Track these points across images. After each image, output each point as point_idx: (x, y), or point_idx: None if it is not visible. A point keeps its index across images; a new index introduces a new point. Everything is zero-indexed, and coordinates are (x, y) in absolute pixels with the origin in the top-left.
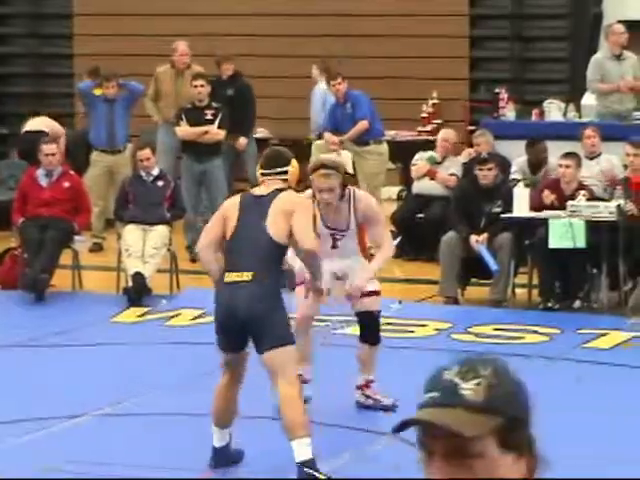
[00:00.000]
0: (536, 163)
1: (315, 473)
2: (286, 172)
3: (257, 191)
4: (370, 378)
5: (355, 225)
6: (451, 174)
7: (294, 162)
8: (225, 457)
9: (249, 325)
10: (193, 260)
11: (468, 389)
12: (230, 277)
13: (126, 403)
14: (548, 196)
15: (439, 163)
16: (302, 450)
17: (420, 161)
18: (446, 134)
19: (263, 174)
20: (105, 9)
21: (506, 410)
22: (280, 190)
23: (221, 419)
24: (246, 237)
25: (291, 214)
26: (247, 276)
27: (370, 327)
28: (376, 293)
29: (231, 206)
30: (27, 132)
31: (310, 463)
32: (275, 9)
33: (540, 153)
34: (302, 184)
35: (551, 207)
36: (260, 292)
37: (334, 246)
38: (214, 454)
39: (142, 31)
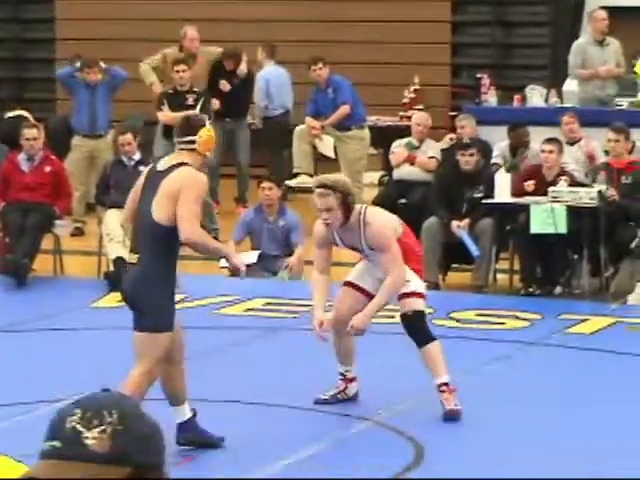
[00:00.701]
0: (518, 148)
1: None
2: (193, 142)
3: (160, 164)
4: (440, 381)
5: (369, 248)
6: (430, 157)
7: (205, 130)
8: (190, 431)
9: (132, 307)
10: None
11: (92, 438)
12: (130, 257)
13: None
14: (530, 185)
15: (417, 148)
16: None
17: (398, 148)
18: (419, 118)
19: (175, 142)
20: None
21: (135, 457)
22: (180, 164)
23: (173, 399)
24: (139, 216)
25: (176, 196)
26: (134, 258)
27: (409, 329)
28: (414, 294)
29: (140, 180)
30: (8, 117)
31: None
32: None
33: (522, 137)
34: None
35: (533, 193)
36: (142, 276)
37: (369, 260)
38: (178, 430)
39: (125, 15)
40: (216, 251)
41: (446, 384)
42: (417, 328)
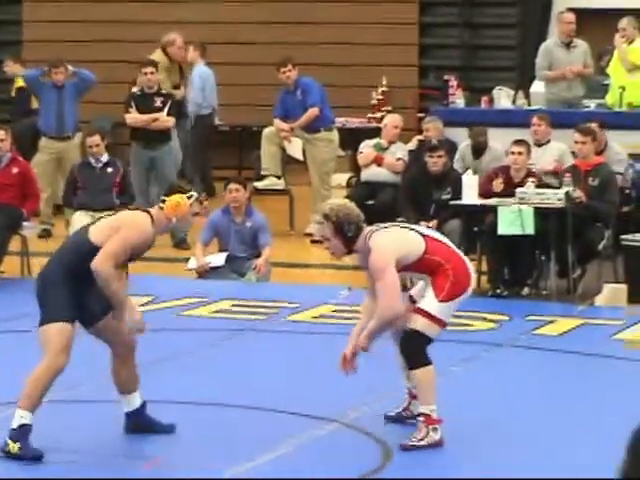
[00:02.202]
0: (478, 148)
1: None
2: (164, 201)
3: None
4: (424, 411)
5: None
6: (398, 159)
7: (178, 196)
8: (137, 420)
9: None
10: None
11: None
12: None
13: (76, 390)
14: (498, 184)
15: (385, 149)
16: (16, 420)
17: (366, 149)
18: (394, 120)
19: None
20: None
21: None
22: (143, 210)
23: (119, 387)
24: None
25: (115, 230)
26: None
27: (400, 347)
28: (420, 311)
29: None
30: None
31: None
32: None
33: (478, 136)
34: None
35: (500, 194)
36: (45, 276)
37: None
38: (125, 419)
39: (92, 17)
40: (115, 297)
41: (425, 414)
42: (407, 348)
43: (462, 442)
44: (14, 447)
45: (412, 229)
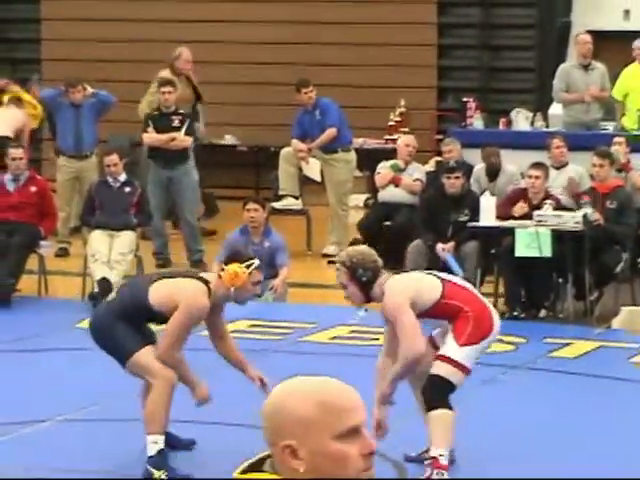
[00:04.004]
0: (492, 170)
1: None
2: (223, 269)
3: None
4: (432, 454)
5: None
6: (415, 179)
7: (235, 265)
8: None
9: None
10: (160, 266)
11: None
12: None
13: (90, 409)
14: (522, 207)
15: (402, 170)
16: (150, 447)
17: (383, 169)
18: (408, 140)
19: None
20: (74, 14)
21: None
22: (202, 279)
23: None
24: (140, 279)
25: (175, 301)
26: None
27: (424, 390)
28: (442, 358)
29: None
30: None
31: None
32: (241, 16)
33: (489, 157)
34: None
35: (517, 217)
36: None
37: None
38: None
39: (111, 37)
40: (182, 379)
41: (434, 457)
42: (429, 393)
43: (478, 463)
44: (161, 475)
45: (430, 274)
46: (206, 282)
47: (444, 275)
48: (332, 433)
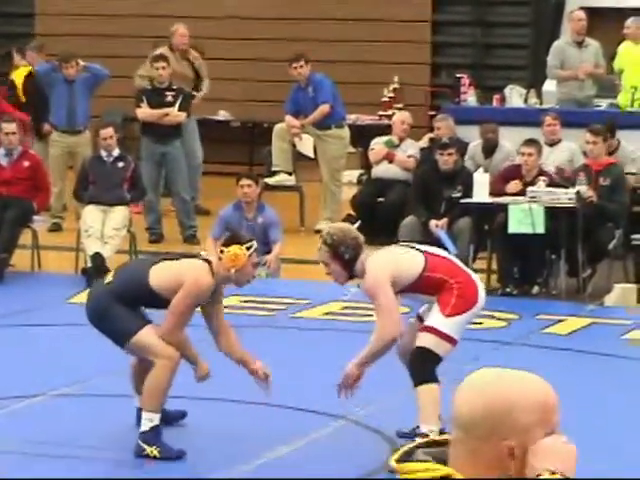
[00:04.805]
0: (488, 146)
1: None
2: (222, 252)
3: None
4: (423, 431)
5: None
6: (409, 156)
7: (235, 247)
8: None
9: None
10: (153, 241)
11: None
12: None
13: (83, 384)
14: (517, 185)
15: (397, 146)
16: (145, 423)
17: (377, 145)
18: (402, 116)
19: None
20: None
21: None
22: (205, 259)
23: (136, 386)
24: (142, 261)
25: (178, 282)
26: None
27: (408, 364)
28: (427, 329)
29: None
30: None
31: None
32: None
33: (487, 132)
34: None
35: (511, 193)
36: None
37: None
38: (137, 414)
39: (105, 11)
40: (186, 357)
41: (424, 435)
42: (414, 365)
43: None
44: (153, 451)
45: (412, 247)
46: (208, 262)
47: (426, 248)
48: (544, 432)
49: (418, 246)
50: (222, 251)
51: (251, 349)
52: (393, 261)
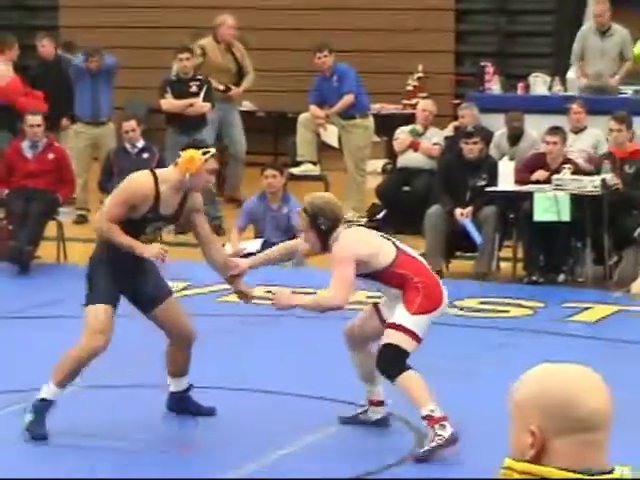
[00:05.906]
0: (514, 134)
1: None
2: (179, 156)
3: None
4: (423, 414)
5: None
6: (434, 144)
7: (191, 151)
8: (180, 402)
9: None
10: (176, 233)
11: None
12: None
13: (109, 375)
14: (542, 174)
15: (421, 135)
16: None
17: (402, 134)
18: (425, 104)
19: None
20: None
21: None
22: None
23: (171, 369)
24: None
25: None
26: None
27: (377, 365)
28: (393, 326)
29: None
30: None
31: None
32: None
33: (513, 121)
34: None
35: (536, 181)
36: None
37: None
38: (168, 398)
39: (129, 3)
40: (122, 244)
41: (426, 416)
42: (386, 362)
43: (498, 430)
44: (27, 418)
45: (389, 239)
46: (152, 171)
47: (401, 245)
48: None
49: (395, 241)
50: (179, 155)
51: (275, 339)
52: (364, 241)
